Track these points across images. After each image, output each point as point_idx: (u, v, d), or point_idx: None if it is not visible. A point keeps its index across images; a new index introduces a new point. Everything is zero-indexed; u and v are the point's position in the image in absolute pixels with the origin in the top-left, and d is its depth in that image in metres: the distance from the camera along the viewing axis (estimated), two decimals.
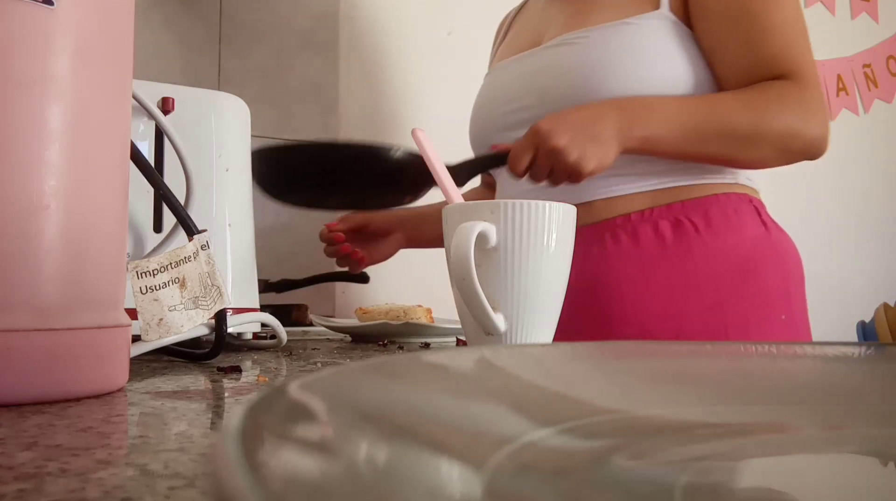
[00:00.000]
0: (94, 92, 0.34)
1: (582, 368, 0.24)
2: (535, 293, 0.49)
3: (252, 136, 0.70)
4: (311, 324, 0.98)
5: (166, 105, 0.61)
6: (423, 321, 0.75)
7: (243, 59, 1.36)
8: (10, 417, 0.28)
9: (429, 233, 1.02)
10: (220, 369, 0.45)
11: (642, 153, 0.80)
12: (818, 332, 0.95)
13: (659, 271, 0.85)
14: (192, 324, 0.43)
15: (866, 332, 0.38)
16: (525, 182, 0.76)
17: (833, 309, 1.65)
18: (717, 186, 0.88)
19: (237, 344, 0.63)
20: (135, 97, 0.55)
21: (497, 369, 0.22)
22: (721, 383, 0.24)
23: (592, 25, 0.87)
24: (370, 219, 1.04)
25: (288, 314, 0.99)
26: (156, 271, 0.40)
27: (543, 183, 0.76)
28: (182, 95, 0.63)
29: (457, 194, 0.56)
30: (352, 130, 1.47)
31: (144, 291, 0.39)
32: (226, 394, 0.36)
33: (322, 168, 0.74)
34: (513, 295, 0.48)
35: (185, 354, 0.50)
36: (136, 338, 0.40)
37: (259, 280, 0.70)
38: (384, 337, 0.76)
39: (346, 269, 1.04)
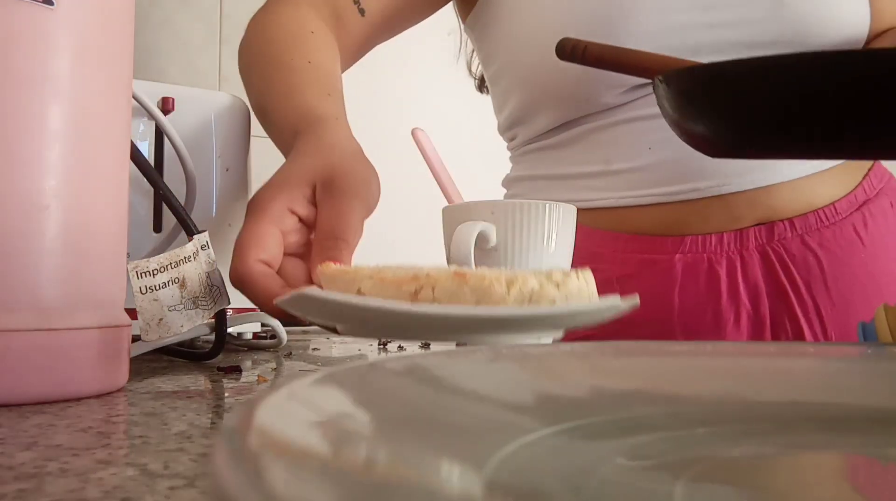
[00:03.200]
0: (94, 92, 0.34)
1: (582, 368, 0.24)
2: None
3: (252, 136, 0.70)
4: (311, 324, 0.97)
5: (166, 105, 0.61)
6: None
7: None
8: (10, 417, 0.28)
9: None
10: (220, 369, 0.45)
11: None
12: None
13: None
14: (192, 324, 0.43)
15: (866, 332, 0.38)
16: None
17: None
18: None
19: (237, 344, 0.63)
20: (135, 97, 0.55)
21: (497, 369, 0.22)
22: (721, 383, 0.24)
23: None
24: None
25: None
26: (156, 271, 0.40)
27: None
28: (182, 94, 0.62)
29: (457, 194, 0.56)
30: (351, 129, 1.47)
31: (144, 291, 0.39)
32: (226, 394, 0.36)
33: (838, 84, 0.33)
34: None
35: (185, 354, 0.50)
36: (136, 338, 0.40)
37: None
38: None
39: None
